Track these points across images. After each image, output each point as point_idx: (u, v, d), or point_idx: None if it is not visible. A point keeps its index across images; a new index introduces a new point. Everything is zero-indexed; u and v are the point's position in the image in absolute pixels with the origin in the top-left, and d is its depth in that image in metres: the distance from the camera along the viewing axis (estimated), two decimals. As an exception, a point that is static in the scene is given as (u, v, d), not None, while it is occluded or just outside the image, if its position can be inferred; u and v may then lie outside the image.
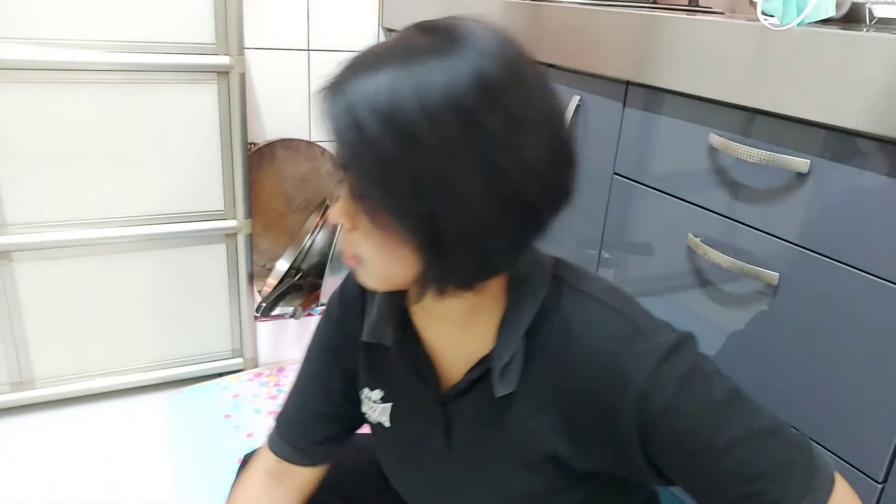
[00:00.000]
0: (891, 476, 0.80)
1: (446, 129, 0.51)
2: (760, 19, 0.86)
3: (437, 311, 0.67)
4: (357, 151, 0.53)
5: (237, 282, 1.63)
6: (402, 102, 0.51)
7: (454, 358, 0.69)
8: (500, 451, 0.67)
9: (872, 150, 0.77)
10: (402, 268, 0.58)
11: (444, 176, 0.52)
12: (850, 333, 0.82)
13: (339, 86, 0.54)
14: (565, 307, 0.63)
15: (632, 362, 0.59)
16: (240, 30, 1.42)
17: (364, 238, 0.58)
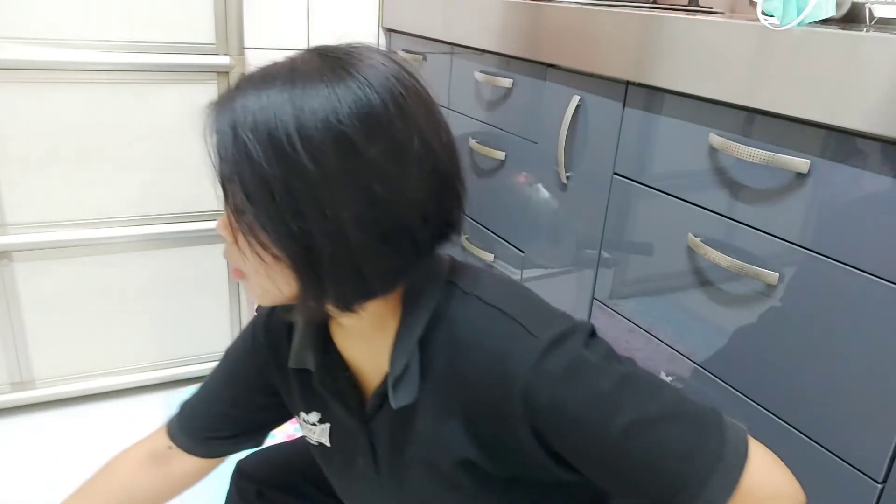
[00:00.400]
0: (891, 476, 0.80)
1: (324, 155, 0.52)
2: (760, 19, 0.86)
3: (348, 328, 0.66)
4: (236, 167, 0.53)
5: (237, 281, 1.63)
6: (283, 124, 0.52)
7: (372, 374, 0.68)
8: (416, 464, 0.66)
9: (872, 150, 0.77)
10: (281, 285, 0.58)
11: (320, 200, 0.53)
12: (850, 333, 0.82)
13: (226, 102, 0.55)
14: (453, 314, 0.62)
15: (513, 363, 0.58)
16: (240, 30, 1.42)
17: (243, 252, 0.57)
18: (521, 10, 1.38)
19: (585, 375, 0.57)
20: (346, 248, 0.54)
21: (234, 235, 0.58)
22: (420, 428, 0.64)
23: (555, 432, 0.58)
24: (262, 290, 0.60)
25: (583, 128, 1.22)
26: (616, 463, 0.57)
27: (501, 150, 1.51)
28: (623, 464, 0.56)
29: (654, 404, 0.57)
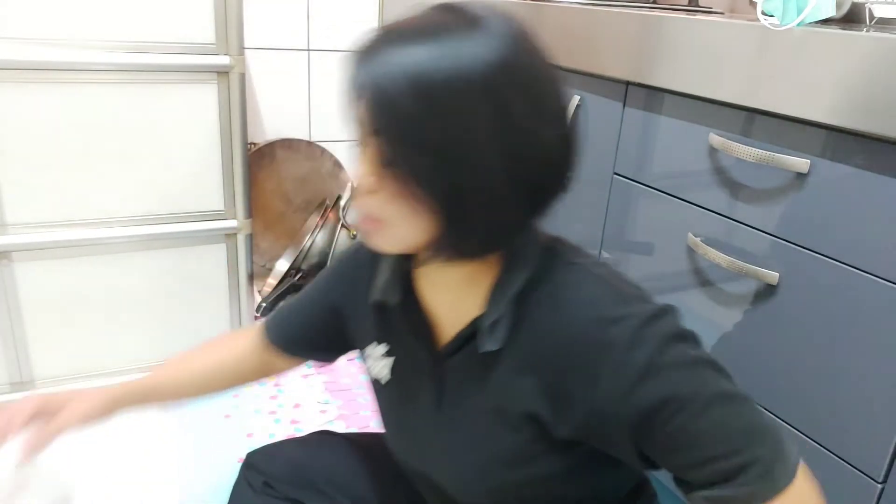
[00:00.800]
0: (891, 476, 0.80)
1: (476, 106, 0.55)
2: (760, 19, 0.86)
3: (437, 278, 0.71)
4: (389, 118, 0.56)
5: (237, 282, 1.63)
6: (436, 74, 0.54)
7: (449, 321, 0.72)
8: (484, 408, 0.69)
9: (872, 150, 0.77)
10: (419, 232, 0.61)
11: (469, 149, 0.56)
12: (850, 333, 0.82)
13: (372, 54, 0.57)
14: (555, 276, 0.66)
15: (614, 327, 0.61)
16: (240, 30, 1.42)
17: (386, 202, 0.60)
18: (521, 10, 1.38)
19: (681, 348, 0.61)
20: (491, 199, 0.58)
21: (374, 185, 0.59)
22: (494, 375, 0.67)
23: (642, 397, 0.59)
24: (396, 238, 0.62)
25: (583, 128, 1.22)
26: (691, 431, 0.59)
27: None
28: (698, 433, 0.59)
29: (732, 388, 0.61)
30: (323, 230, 1.89)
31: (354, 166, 0.62)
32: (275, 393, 1.64)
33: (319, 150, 2.05)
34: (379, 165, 0.59)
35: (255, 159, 1.90)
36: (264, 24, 1.96)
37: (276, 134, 2.05)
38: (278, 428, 1.51)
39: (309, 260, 1.87)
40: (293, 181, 2.04)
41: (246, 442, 1.45)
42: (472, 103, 0.55)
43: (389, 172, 0.58)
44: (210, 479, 1.35)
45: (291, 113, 2.09)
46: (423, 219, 0.60)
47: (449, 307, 0.72)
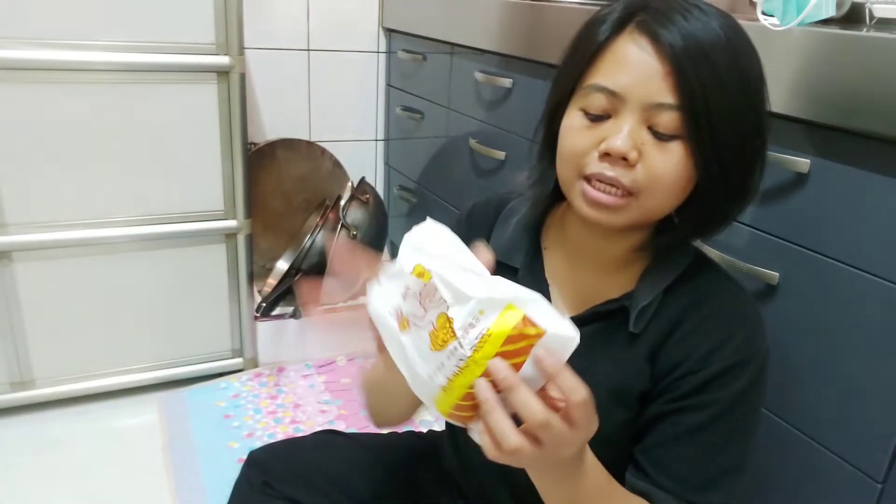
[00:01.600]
0: (891, 476, 0.80)
1: (762, 76, 0.60)
2: (760, 19, 0.86)
3: (583, 254, 0.71)
4: (707, 86, 0.57)
5: (237, 282, 1.63)
6: (746, 45, 0.59)
7: (574, 294, 0.73)
8: (604, 383, 0.69)
9: (872, 150, 0.77)
10: (669, 205, 0.63)
11: (760, 120, 0.60)
12: (850, 333, 0.82)
13: (669, 21, 0.58)
14: (707, 276, 0.69)
15: (743, 338, 0.65)
16: (240, 30, 1.42)
17: (657, 173, 0.60)
18: (521, 10, 1.38)
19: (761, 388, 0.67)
20: (747, 176, 0.62)
21: (639, 157, 0.60)
22: (623, 353, 0.69)
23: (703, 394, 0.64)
24: (644, 211, 0.62)
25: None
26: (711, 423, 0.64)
27: (501, 150, 1.51)
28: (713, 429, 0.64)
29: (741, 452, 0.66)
30: (323, 230, 1.89)
31: (598, 136, 0.60)
32: (275, 393, 1.64)
33: (319, 150, 2.05)
34: (653, 135, 0.59)
35: (255, 159, 1.90)
36: (264, 24, 1.96)
37: (276, 134, 2.05)
38: (278, 428, 1.51)
39: (309, 260, 1.87)
40: (293, 181, 2.04)
41: (246, 442, 1.45)
42: (762, 75, 0.59)
43: (682, 144, 0.59)
44: (210, 478, 1.35)
45: (291, 113, 2.09)
46: (682, 192, 0.61)
47: (579, 282, 0.72)
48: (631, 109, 0.59)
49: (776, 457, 0.93)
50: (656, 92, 0.58)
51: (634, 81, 0.58)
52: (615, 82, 0.59)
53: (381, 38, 2.14)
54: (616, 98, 0.59)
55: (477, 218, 0.81)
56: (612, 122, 0.60)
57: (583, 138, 0.62)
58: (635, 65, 0.58)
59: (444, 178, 1.87)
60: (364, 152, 2.24)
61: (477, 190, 1.66)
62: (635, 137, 0.59)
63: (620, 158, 0.59)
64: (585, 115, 0.62)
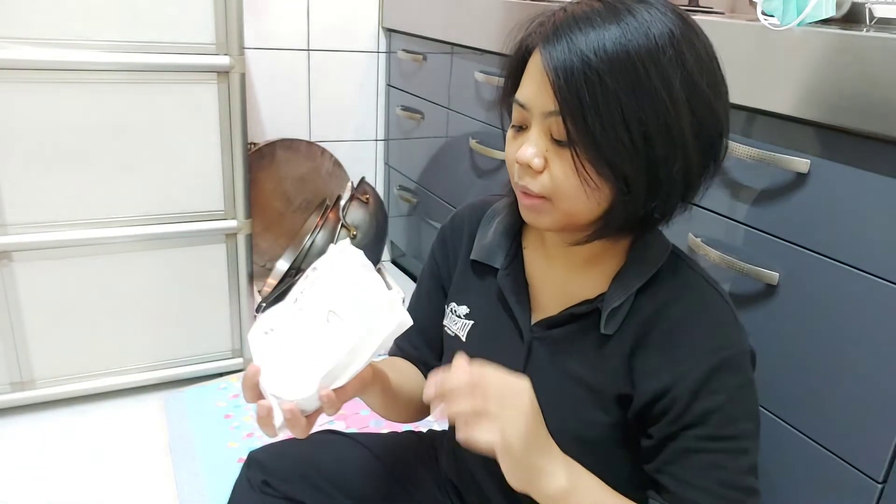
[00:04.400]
0: (891, 476, 0.80)
1: (668, 73, 0.58)
2: (760, 19, 0.86)
3: (558, 253, 0.73)
4: (587, 96, 0.58)
5: (237, 282, 1.63)
6: (633, 49, 0.58)
7: (552, 294, 0.74)
8: (578, 383, 0.71)
9: (872, 150, 0.77)
10: (590, 207, 0.63)
11: (665, 118, 0.59)
12: (850, 333, 0.82)
13: (561, 35, 0.59)
14: (680, 277, 0.69)
15: (721, 342, 0.65)
16: (240, 30, 1.42)
17: (559, 179, 0.62)
18: (521, 10, 1.38)
19: (752, 393, 0.67)
20: (670, 171, 0.61)
21: (545, 163, 0.62)
22: (597, 355, 0.70)
23: (696, 405, 0.64)
24: (565, 213, 0.64)
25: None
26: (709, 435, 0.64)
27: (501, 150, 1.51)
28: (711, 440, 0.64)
29: (753, 450, 0.67)
30: (323, 230, 1.89)
31: (518, 147, 0.64)
32: (275, 393, 1.63)
33: (319, 150, 2.05)
34: (553, 143, 0.61)
35: (255, 159, 1.90)
36: (264, 24, 1.96)
37: (276, 134, 2.05)
38: (278, 428, 1.51)
39: (309, 260, 1.87)
40: (293, 181, 2.04)
41: (246, 442, 1.45)
42: (667, 73, 0.58)
43: (579, 147, 0.60)
44: (210, 478, 1.35)
45: (291, 113, 2.09)
46: (596, 194, 0.62)
47: (556, 282, 0.74)
48: (535, 119, 0.62)
49: (776, 457, 0.93)
50: (545, 100, 0.61)
51: (535, 93, 0.62)
52: (524, 96, 0.63)
53: (381, 38, 2.14)
54: (526, 110, 0.63)
55: (459, 222, 0.84)
56: (526, 133, 0.64)
57: (510, 150, 0.66)
58: (535, 77, 0.62)
59: (444, 178, 1.87)
60: (364, 152, 2.24)
61: (477, 190, 1.66)
62: (538, 145, 0.62)
63: (527, 167, 0.63)
64: (514, 129, 0.66)
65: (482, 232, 0.80)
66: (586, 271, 0.72)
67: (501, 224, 0.78)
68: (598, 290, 0.70)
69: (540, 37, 0.62)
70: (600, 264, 0.71)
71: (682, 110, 0.59)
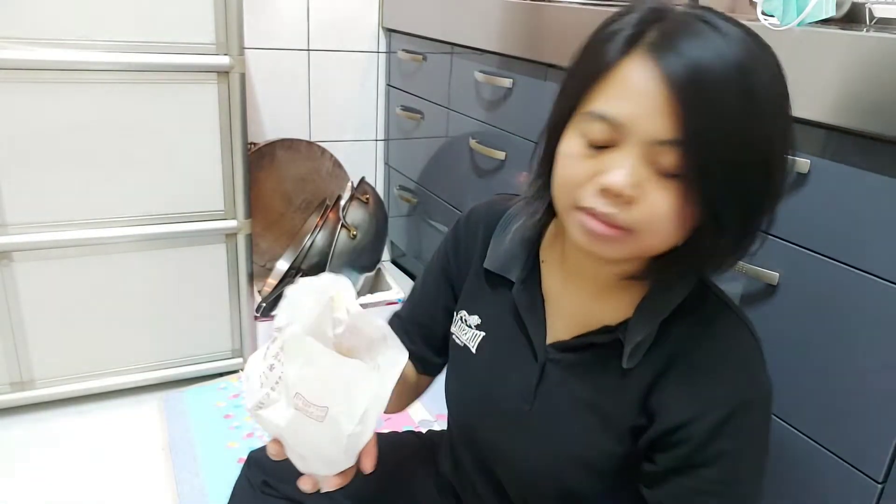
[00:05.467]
0: (891, 476, 0.80)
1: (785, 105, 0.55)
2: (760, 19, 0.86)
3: (583, 272, 0.68)
4: (711, 119, 0.52)
5: (237, 282, 1.63)
6: (761, 71, 0.53)
7: (569, 314, 0.70)
8: (591, 410, 0.68)
9: (872, 150, 0.77)
10: (669, 243, 0.58)
11: (772, 154, 0.55)
12: (850, 333, 0.82)
13: (674, 45, 0.53)
14: (708, 307, 0.65)
15: (748, 383, 0.63)
16: (240, 30, 1.42)
17: (657, 213, 0.55)
18: (521, 10, 1.38)
19: (765, 436, 0.65)
20: (760, 210, 0.57)
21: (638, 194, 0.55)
22: (615, 385, 0.66)
23: (712, 444, 0.62)
24: (640, 248, 0.58)
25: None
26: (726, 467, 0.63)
27: (501, 150, 1.51)
28: (727, 473, 0.63)
29: (758, 493, 0.65)
30: (323, 230, 1.89)
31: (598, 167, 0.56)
32: (275, 393, 1.63)
33: (319, 150, 2.05)
34: (655, 173, 0.54)
35: (255, 159, 1.90)
36: (264, 24, 1.96)
37: (276, 134, 2.05)
38: (278, 428, 1.51)
39: (309, 260, 1.87)
40: (293, 181, 2.04)
41: (246, 442, 1.45)
42: (784, 105, 0.55)
43: (681, 184, 0.54)
44: (210, 478, 1.34)
45: (291, 113, 2.09)
46: (682, 230, 0.56)
47: (575, 302, 0.70)
48: (632, 142, 0.54)
49: (776, 457, 0.92)
50: (659, 127, 0.53)
51: (638, 112, 0.53)
52: (618, 111, 0.54)
53: (381, 38, 2.13)
54: (618, 128, 0.54)
55: (474, 224, 0.79)
56: (613, 154, 0.55)
57: (579, 168, 0.57)
58: (640, 93, 0.53)
59: (444, 178, 1.87)
60: (364, 152, 2.24)
61: (477, 190, 1.66)
62: (636, 173, 0.54)
63: (617, 195, 0.55)
64: (585, 143, 0.57)
65: (497, 239, 0.75)
66: (607, 295, 0.67)
67: (519, 233, 0.72)
68: (619, 315, 0.66)
69: (647, 46, 0.54)
70: (624, 289, 0.66)
71: (782, 146, 0.55)
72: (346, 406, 0.57)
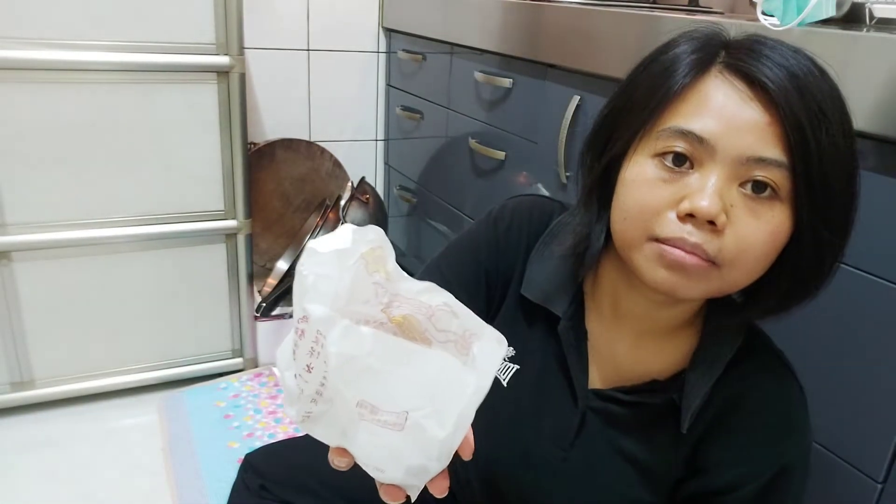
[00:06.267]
0: (891, 476, 0.80)
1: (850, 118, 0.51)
2: (760, 19, 0.86)
3: (633, 314, 0.62)
4: (822, 140, 0.48)
5: (237, 282, 1.63)
6: (842, 98, 0.50)
7: (615, 359, 0.65)
8: (631, 462, 0.65)
9: (872, 150, 0.77)
10: (753, 278, 0.52)
11: (854, 180, 0.51)
12: (849, 333, 0.82)
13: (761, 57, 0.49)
14: (757, 358, 0.62)
15: (796, 441, 0.61)
16: (240, 30, 1.42)
17: (749, 242, 0.50)
18: (521, 10, 1.38)
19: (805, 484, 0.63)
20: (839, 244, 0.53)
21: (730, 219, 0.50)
22: (657, 436, 0.64)
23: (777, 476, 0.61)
24: (725, 285, 0.53)
25: (583, 128, 1.22)
26: None
27: (501, 150, 1.51)
28: None
29: None
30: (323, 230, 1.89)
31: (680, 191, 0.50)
32: (275, 393, 1.64)
33: (319, 150, 2.05)
34: (744, 196, 0.49)
35: (255, 159, 1.90)
36: (264, 24, 1.96)
37: (276, 134, 2.05)
38: (278, 428, 1.51)
39: (309, 260, 1.87)
40: (293, 181, 2.04)
41: (246, 442, 1.45)
42: (849, 120, 0.51)
43: (766, 205, 0.49)
44: (210, 479, 1.34)
45: (291, 113, 2.09)
46: (768, 264, 0.52)
47: (621, 348, 0.64)
48: (720, 162, 0.49)
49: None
50: (757, 143, 0.48)
51: (728, 128, 0.49)
52: (703, 127, 0.49)
53: (381, 38, 2.13)
54: (703, 146, 0.50)
55: (517, 231, 0.69)
56: (696, 176, 0.50)
57: (657, 193, 0.52)
58: (729, 109, 0.49)
59: (444, 178, 1.87)
60: (364, 152, 2.24)
61: (477, 190, 1.66)
62: (724, 197, 0.49)
63: (707, 222, 0.49)
64: (662, 165, 0.52)
65: (539, 263, 0.66)
66: (655, 342, 0.62)
67: (566, 263, 0.64)
68: (667, 366, 0.62)
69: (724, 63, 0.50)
70: (672, 336, 0.62)
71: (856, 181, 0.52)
72: (432, 407, 0.43)
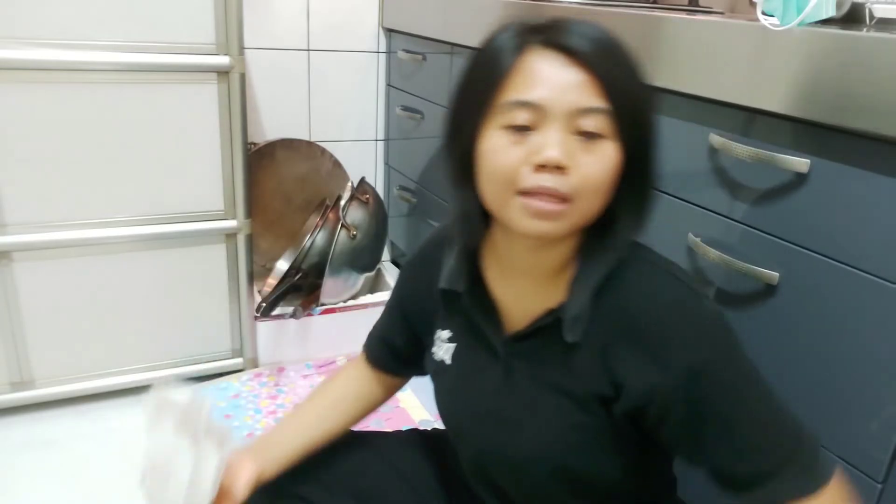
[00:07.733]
0: (891, 476, 0.80)
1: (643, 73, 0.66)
2: (760, 19, 0.86)
3: (521, 266, 0.72)
4: (623, 89, 0.62)
5: (237, 282, 1.63)
6: (630, 52, 0.64)
7: (518, 308, 0.74)
8: (554, 389, 0.72)
9: (872, 150, 0.77)
10: (601, 205, 0.65)
11: (654, 118, 0.66)
12: (850, 333, 0.82)
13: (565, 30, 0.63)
14: (633, 269, 0.69)
15: (692, 320, 0.66)
16: (240, 30, 1.42)
17: (590, 176, 0.62)
18: (521, 10, 1.38)
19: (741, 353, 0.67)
20: (655, 171, 0.67)
21: (573, 162, 0.61)
22: (566, 360, 0.70)
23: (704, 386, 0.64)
24: (579, 215, 0.64)
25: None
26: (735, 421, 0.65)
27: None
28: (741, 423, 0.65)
29: (777, 399, 0.68)
30: (323, 230, 1.89)
31: (528, 150, 0.62)
32: (275, 393, 1.64)
33: (319, 150, 2.05)
34: (581, 138, 0.62)
35: (255, 159, 1.90)
36: (264, 24, 1.96)
37: (276, 134, 2.05)
38: (278, 428, 1.51)
39: (309, 260, 1.86)
40: (293, 181, 2.04)
41: (246, 442, 1.45)
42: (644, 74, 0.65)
43: (609, 142, 0.62)
44: (210, 479, 1.34)
45: (291, 113, 2.09)
46: (609, 191, 0.64)
47: (521, 295, 0.74)
48: (556, 119, 0.61)
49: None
50: (580, 98, 0.61)
51: (555, 91, 0.61)
52: (535, 95, 0.61)
53: (381, 38, 2.13)
54: (539, 110, 0.61)
55: (429, 259, 0.84)
56: (539, 135, 0.62)
57: (511, 154, 0.63)
58: (551, 77, 0.61)
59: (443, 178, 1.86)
60: (364, 152, 2.24)
61: (477, 190, 1.66)
62: (567, 145, 0.61)
63: (556, 168, 0.61)
64: (509, 132, 0.63)
65: (446, 260, 0.79)
66: (548, 283, 0.71)
67: (457, 246, 0.77)
68: (559, 298, 0.70)
69: (540, 41, 0.63)
70: (561, 275, 0.71)
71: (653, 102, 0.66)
72: None
